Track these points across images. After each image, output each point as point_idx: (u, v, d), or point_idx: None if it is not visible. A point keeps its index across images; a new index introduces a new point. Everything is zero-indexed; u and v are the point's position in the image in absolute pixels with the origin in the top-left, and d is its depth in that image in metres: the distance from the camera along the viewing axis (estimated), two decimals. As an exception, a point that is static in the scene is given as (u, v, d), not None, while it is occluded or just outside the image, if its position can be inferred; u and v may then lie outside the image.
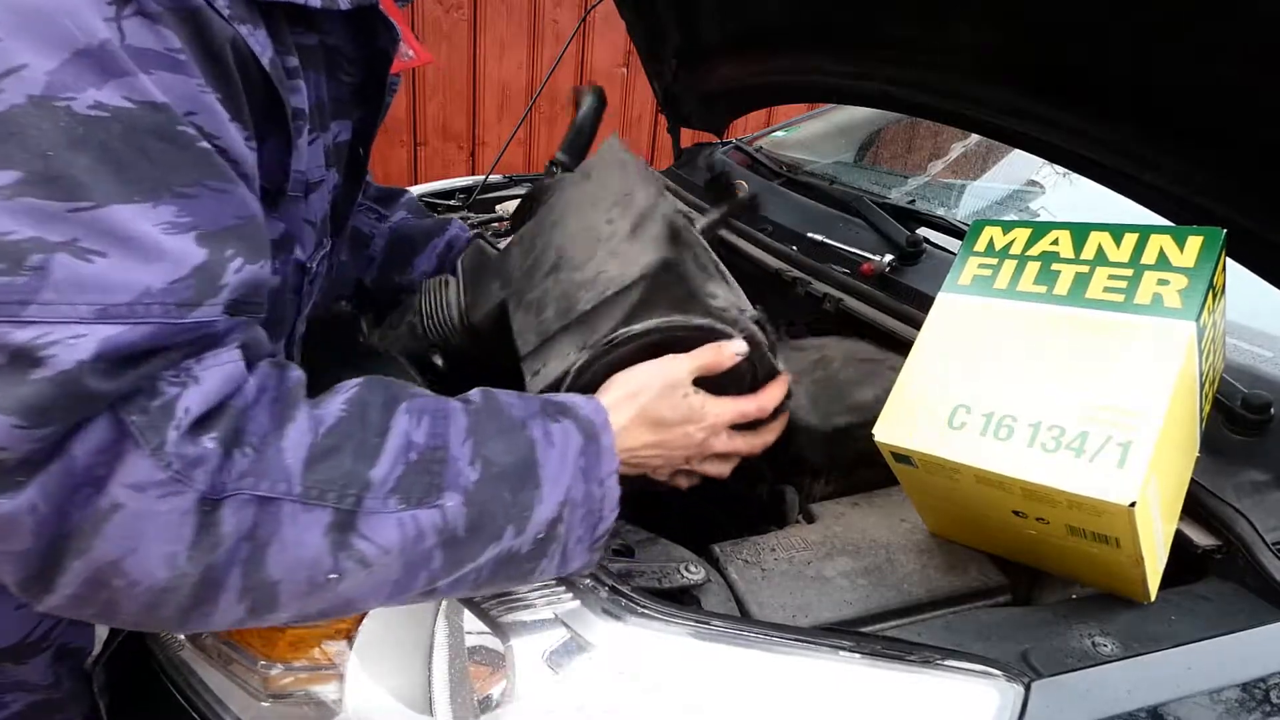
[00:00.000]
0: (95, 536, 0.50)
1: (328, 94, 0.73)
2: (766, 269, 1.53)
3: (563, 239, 0.98)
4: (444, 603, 0.74)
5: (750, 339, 0.88)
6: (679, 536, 0.91)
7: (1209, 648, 0.73)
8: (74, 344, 0.48)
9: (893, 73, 1.39)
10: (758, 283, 1.70)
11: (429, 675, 0.69)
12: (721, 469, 0.89)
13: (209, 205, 0.55)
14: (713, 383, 0.85)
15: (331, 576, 0.57)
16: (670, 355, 0.82)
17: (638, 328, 0.85)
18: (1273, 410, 0.88)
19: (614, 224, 0.95)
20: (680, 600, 0.79)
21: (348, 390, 0.63)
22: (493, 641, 0.71)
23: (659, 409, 0.78)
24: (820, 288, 1.40)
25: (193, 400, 0.53)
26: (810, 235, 1.50)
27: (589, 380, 0.85)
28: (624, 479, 0.72)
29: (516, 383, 0.89)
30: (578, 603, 0.73)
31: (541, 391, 0.87)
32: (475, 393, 0.70)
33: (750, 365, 0.89)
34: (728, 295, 0.94)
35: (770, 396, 0.88)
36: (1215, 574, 0.84)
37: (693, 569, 0.82)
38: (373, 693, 0.70)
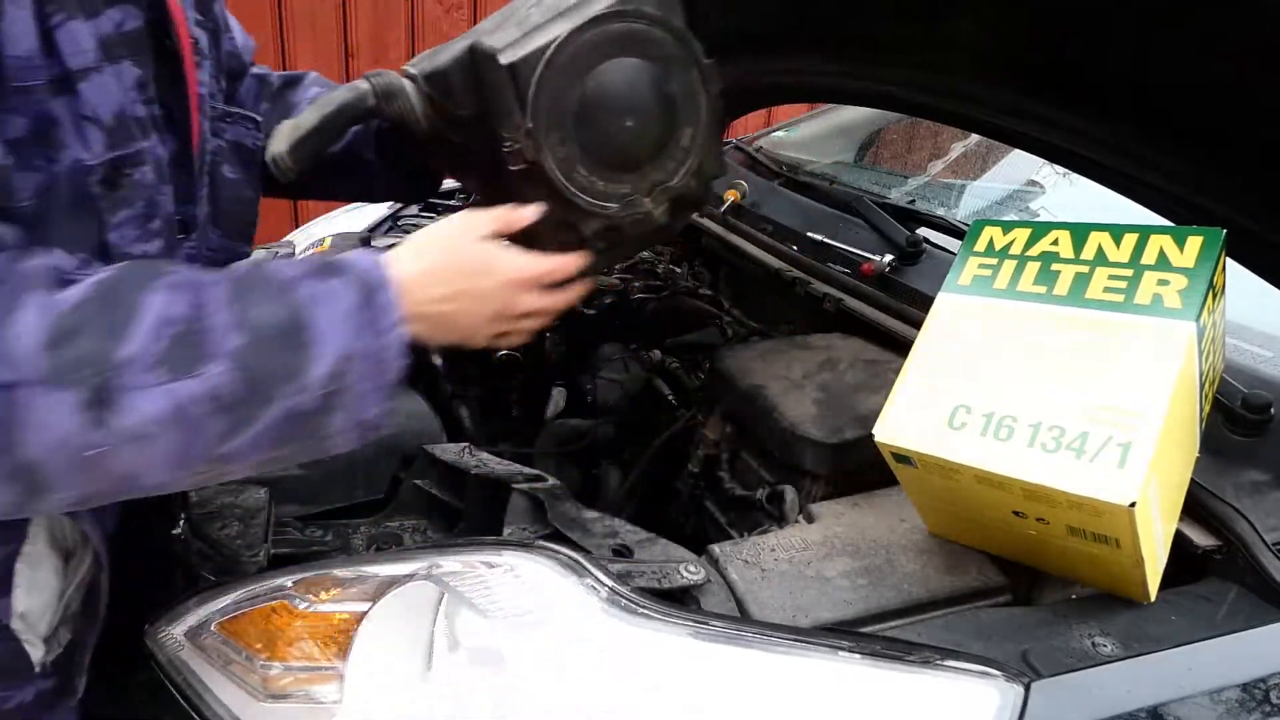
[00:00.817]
0: None
1: None
2: (767, 269, 1.53)
3: None
4: (444, 603, 0.74)
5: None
6: (679, 536, 0.91)
7: (1209, 648, 0.73)
8: None
9: (893, 73, 1.39)
10: (758, 283, 1.71)
11: (429, 675, 0.69)
12: (537, 325, 0.89)
13: None
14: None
15: (96, 452, 0.58)
16: (466, 211, 0.83)
17: (631, 7, 0.86)
18: (1273, 410, 0.88)
19: None
20: (680, 600, 0.79)
21: (100, 274, 0.63)
22: (492, 641, 0.71)
23: (449, 261, 0.79)
24: (820, 288, 1.40)
25: None
26: (810, 235, 1.50)
27: (567, 59, 0.83)
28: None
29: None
30: (578, 603, 0.73)
31: (512, 64, 0.83)
32: (242, 263, 0.70)
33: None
34: None
35: (572, 260, 0.88)
36: (1215, 574, 0.84)
37: (693, 569, 0.82)
38: (372, 693, 0.70)
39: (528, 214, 0.85)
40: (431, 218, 1.98)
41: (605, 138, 0.89)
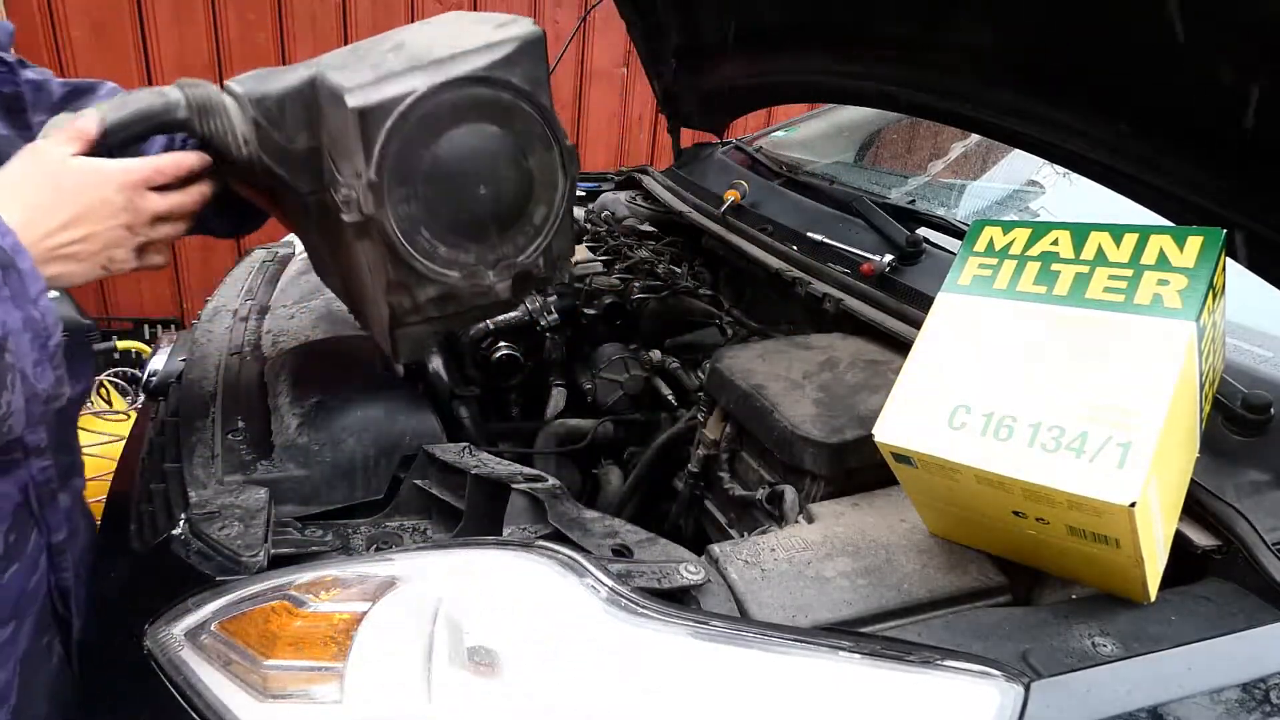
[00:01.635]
0: None
1: None
2: (767, 269, 1.53)
3: (403, 37, 0.92)
4: (444, 603, 0.74)
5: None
6: (679, 536, 0.91)
7: (1209, 648, 0.73)
8: None
9: (893, 73, 1.39)
10: (758, 283, 1.71)
11: (429, 675, 0.69)
12: (177, 229, 0.86)
13: None
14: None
15: None
16: (40, 142, 0.78)
17: (499, 75, 0.84)
18: (1273, 410, 0.88)
19: (480, 28, 0.90)
20: (680, 600, 0.79)
21: None
22: (492, 641, 0.71)
23: (53, 187, 0.75)
24: (820, 288, 1.40)
25: None
26: (810, 235, 1.50)
27: (424, 115, 0.82)
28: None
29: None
30: (578, 603, 0.73)
31: (362, 109, 0.80)
32: None
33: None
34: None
35: (186, 156, 0.86)
36: (1215, 574, 0.84)
37: (693, 569, 0.82)
38: (372, 693, 0.70)
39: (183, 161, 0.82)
40: None
41: (455, 203, 0.86)
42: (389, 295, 0.88)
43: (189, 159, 0.86)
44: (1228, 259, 0.81)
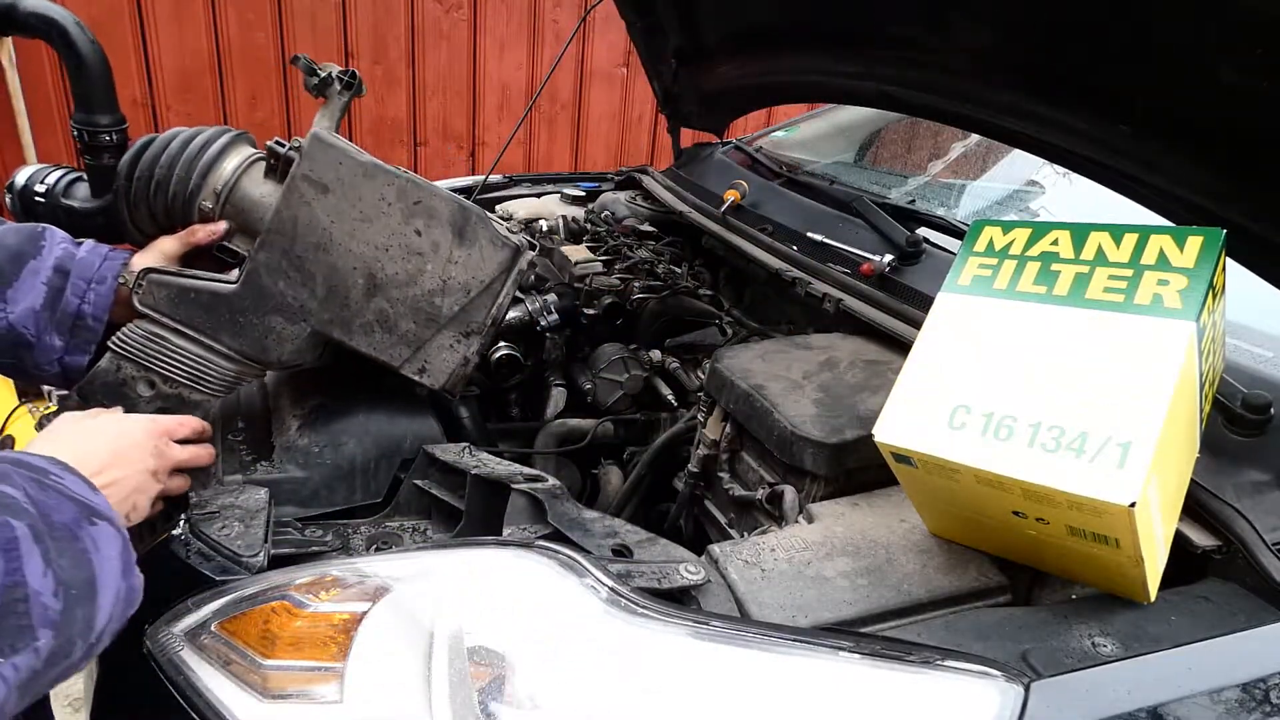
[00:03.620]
0: None
1: None
2: (767, 269, 1.53)
3: (357, 261, 1.04)
4: (444, 603, 0.74)
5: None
6: (679, 536, 0.91)
7: (1209, 648, 0.73)
8: None
9: (893, 73, 1.39)
10: (758, 283, 1.71)
11: (429, 675, 0.69)
12: (186, 483, 0.93)
13: None
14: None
15: None
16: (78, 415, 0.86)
17: (506, 301, 1.09)
18: (1273, 410, 0.88)
19: (428, 235, 1.04)
20: (680, 600, 0.79)
21: None
22: (492, 641, 0.71)
23: (86, 439, 0.80)
24: (820, 288, 1.40)
25: None
26: (810, 235, 1.50)
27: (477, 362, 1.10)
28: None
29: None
30: (578, 603, 0.73)
31: (436, 385, 1.10)
32: (20, 497, 0.63)
33: None
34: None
35: (195, 420, 0.96)
36: (1215, 574, 0.84)
37: (693, 569, 0.82)
38: (372, 693, 0.70)
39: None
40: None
41: None
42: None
43: (197, 422, 0.95)
44: (1228, 259, 0.81)
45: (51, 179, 1.12)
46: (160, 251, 1.04)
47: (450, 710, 0.67)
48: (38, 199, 1.11)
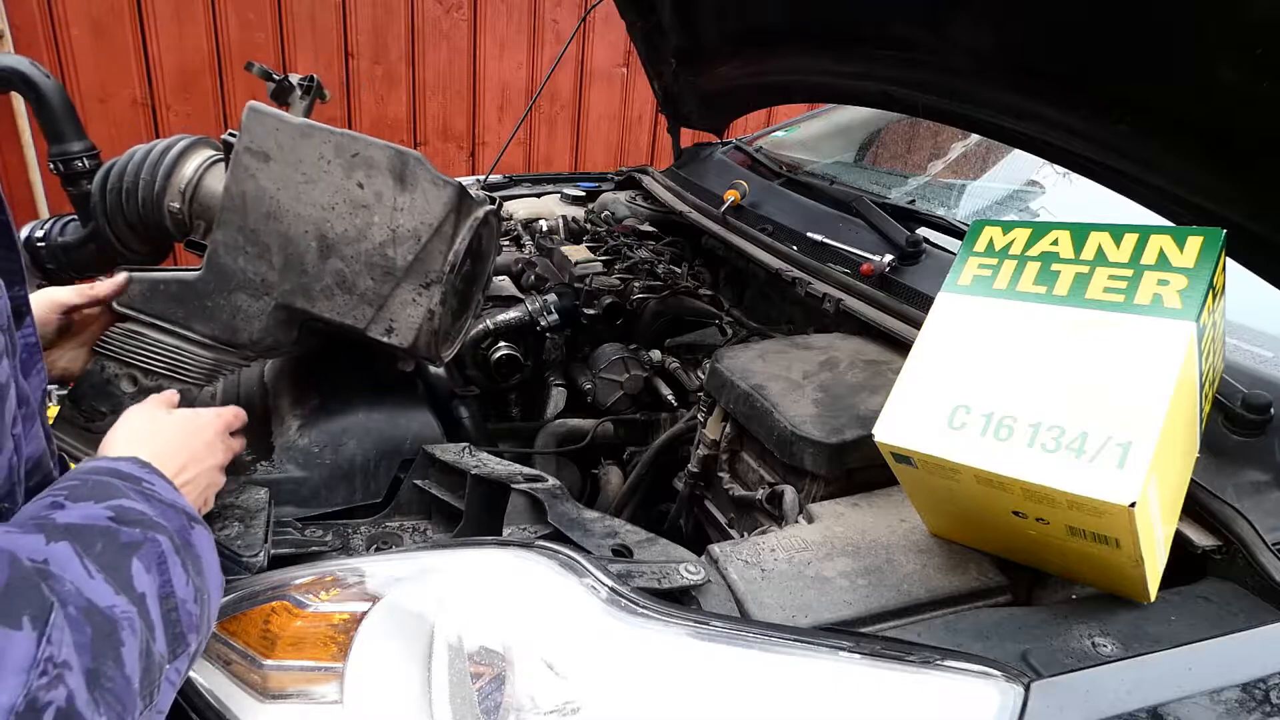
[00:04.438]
0: None
1: None
2: (767, 269, 1.53)
3: (307, 224, 1.03)
4: (443, 603, 0.74)
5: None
6: (679, 536, 0.91)
7: (1209, 648, 0.73)
8: None
9: (893, 73, 1.39)
10: (758, 283, 1.71)
11: (429, 675, 0.69)
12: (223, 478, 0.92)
13: None
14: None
15: None
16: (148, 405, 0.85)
17: (461, 246, 1.06)
18: (1273, 410, 0.88)
19: (371, 186, 1.03)
20: (680, 600, 0.79)
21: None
22: (492, 641, 0.71)
23: (163, 443, 0.79)
24: (820, 288, 1.40)
25: None
26: (810, 235, 1.50)
27: (446, 309, 1.07)
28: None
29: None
30: (578, 603, 0.73)
31: (405, 344, 1.07)
32: (150, 512, 0.64)
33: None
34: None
35: (242, 412, 0.95)
36: (1215, 574, 0.84)
37: (693, 569, 0.82)
38: (372, 693, 0.70)
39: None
40: None
41: None
42: None
43: (239, 411, 0.95)
44: (1228, 259, 0.81)
45: (47, 226, 1.19)
46: (53, 301, 1.01)
47: (450, 710, 0.67)
48: (39, 245, 1.17)
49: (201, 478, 0.81)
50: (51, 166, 1.15)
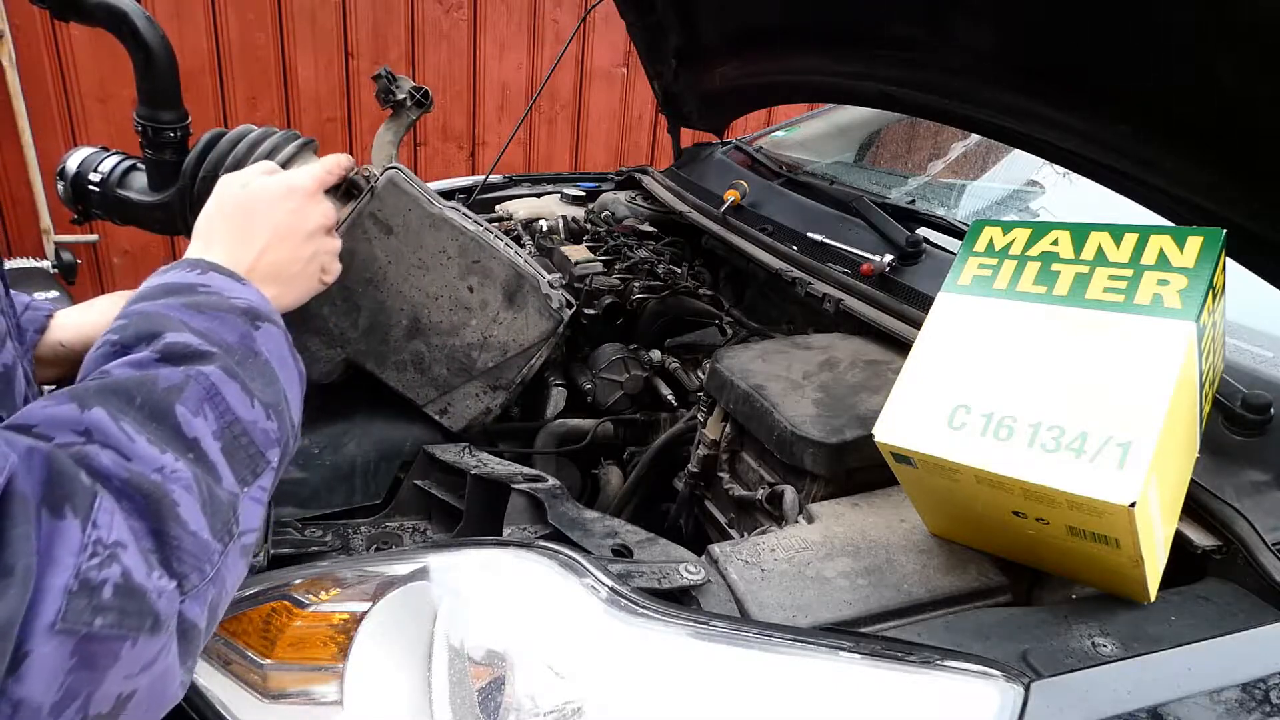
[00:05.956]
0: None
1: None
2: (767, 269, 1.53)
3: (405, 303, 1.07)
4: (444, 603, 0.74)
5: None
6: (679, 536, 0.91)
7: (1209, 648, 0.73)
8: None
9: (893, 73, 1.39)
10: (758, 283, 1.71)
11: (429, 675, 0.69)
12: (332, 242, 0.90)
13: None
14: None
15: (243, 574, 0.59)
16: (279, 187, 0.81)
17: (538, 363, 1.14)
18: (1273, 410, 0.88)
19: (480, 294, 1.09)
20: (680, 600, 0.79)
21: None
22: (492, 641, 0.71)
23: (240, 223, 0.77)
24: (820, 288, 1.40)
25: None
26: (810, 235, 1.50)
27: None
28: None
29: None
30: (578, 603, 0.73)
31: (455, 428, 1.14)
32: (195, 341, 0.61)
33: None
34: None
35: (344, 159, 0.94)
36: (1215, 574, 0.84)
37: (692, 569, 0.82)
38: (373, 693, 0.70)
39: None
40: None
41: None
42: None
43: (345, 160, 0.92)
44: (1228, 259, 0.81)
45: (106, 166, 1.08)
46: (99, 310, 0.96)
47: (450, 710, 0.67)
48: (92, 187, 1.07)
49: (294, 252, 0.77)
50: (138, 127, 1.05)
